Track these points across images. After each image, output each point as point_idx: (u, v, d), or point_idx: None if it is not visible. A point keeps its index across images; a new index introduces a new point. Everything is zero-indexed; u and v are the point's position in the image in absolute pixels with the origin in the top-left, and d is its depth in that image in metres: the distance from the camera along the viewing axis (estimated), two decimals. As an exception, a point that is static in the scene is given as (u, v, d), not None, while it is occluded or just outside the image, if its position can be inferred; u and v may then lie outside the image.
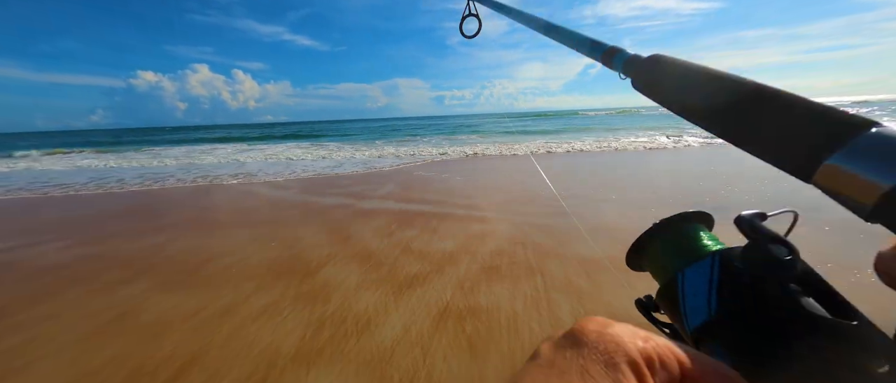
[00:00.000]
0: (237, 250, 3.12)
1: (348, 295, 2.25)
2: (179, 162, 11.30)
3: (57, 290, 2.50)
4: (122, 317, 2.10)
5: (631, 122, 22.11)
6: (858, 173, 0.20)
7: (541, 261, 2.63)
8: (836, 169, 0.21)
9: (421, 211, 4.19)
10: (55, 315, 2.18)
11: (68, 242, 3.56)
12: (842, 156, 0.21)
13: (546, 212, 3.90)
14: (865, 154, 0.21)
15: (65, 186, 7.24)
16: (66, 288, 2.51)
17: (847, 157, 0.21)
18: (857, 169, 0.21)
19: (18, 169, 11.23)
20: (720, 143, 8.14)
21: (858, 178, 0.20)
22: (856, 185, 0.21)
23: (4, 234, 3.90)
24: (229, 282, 2.50)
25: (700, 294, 0.27)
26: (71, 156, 15.21)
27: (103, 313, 2.15)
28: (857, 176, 0.20)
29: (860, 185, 0.20)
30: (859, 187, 0.20)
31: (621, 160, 7.93)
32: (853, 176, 0.21)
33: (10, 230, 4.12)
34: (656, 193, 4.60)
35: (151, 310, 2.17)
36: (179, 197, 5.80)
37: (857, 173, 0.21)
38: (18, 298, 2.41)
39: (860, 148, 0.21)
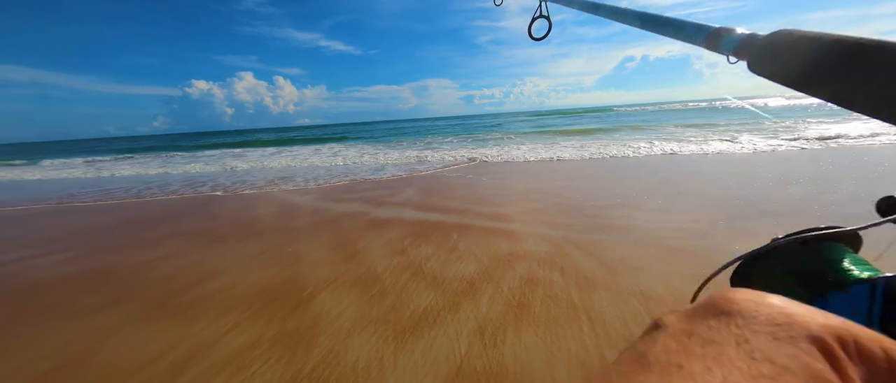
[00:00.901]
0: (233, 268, 2.78)
1: (338, 339, 1.79)
2: (224, 165, 11.63)
3: (23, 317, 2.25)
4: (74, 361, 1.77)
5: (666, 119, 20.22)
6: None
7: (586, 296, 2.03)
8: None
9: (439, 221, 3.69)
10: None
11: (73, 254, 3.43)
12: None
13: (588, 225, 3.25)
14: None
15: (108, 192, 7.51)
16: (37, 315, 2.26)
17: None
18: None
19: (76, 175, 12.08)
20: (795, 145, 6.91)
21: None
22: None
23: (23, 244, 3.88)
24: (210, 312, 2.13)
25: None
26: (139, 161, 16.29)
27: (57, 353, 1.84)
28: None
29: None
30: None
31: (673, 165, 6.96)
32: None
33: (32, 240, 4.12)
34: (747, 206, 3.77)
35: (110, 351, 1.83)
36: (200, 203, 5.72)
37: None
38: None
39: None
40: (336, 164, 9.66)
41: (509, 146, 11.40)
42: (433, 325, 1.87)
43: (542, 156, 8.52)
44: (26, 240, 4.00)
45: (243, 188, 6.79)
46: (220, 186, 7.21)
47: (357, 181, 6.74)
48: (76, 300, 2.45)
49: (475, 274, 2.43)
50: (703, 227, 3.00)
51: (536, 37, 0.97)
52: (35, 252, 3.54)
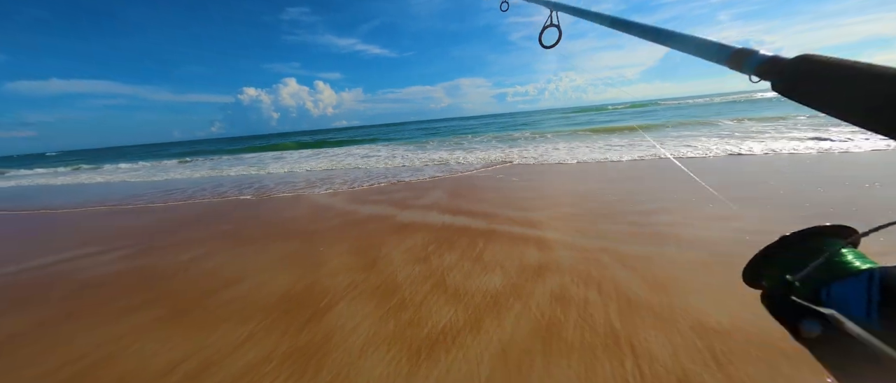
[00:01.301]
0: (256, 273, 2.78)
1: (349, 359, 1.67)
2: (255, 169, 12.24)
3: (70, 316, 2.37)
4: (96, 366, 1.80)
5: (720, 112, 18.37)
6: None
7: (629, 322, 1.76)
8: None
9: (466, 226, 3.51)
10: (31, 361, 1.98)
11: (124, 253, 3.64)
12: None
13: (631, 234, 2.92)
14: None
15: (170, 192, 8.12)
16: (75, 319, 2.36)
17: None
18: None
19: (159, 176, 13.24)
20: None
21: None
22: None
23: (80, 242, 4.20)
24: (229, 320, 2.11)
25: (856, 315, 0.23)
26: (190, 164, 17.66)
27: (83, 357, 1.88)
28: None
29: None
30: None
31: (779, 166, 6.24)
32: None
33: (87, 239, 4.46)
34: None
35: (131, 358, 1.85)
36: (232, 206, 5.96)
37: None
38: (27, 324, 2.32)
39: None
40: (358, 167, 9.77)
41: (543, 146, 10.93)
42: (452, 346, 1.69)
43: (577, 158, 8.04)
44: (83, 239, 4.34)
45: (274, 190, 7.01)
46: (252, 188, 7.52)
47: (375, 186, 6.72)
48: (114, 301, 2.55)
49: (501, 287, 2.23)
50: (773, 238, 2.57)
51: (546, 44, 0.99)
52: (89, 251, 3.81)
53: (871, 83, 0.27)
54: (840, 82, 0.29)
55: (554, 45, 0.99)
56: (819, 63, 0.32)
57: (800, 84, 0.34)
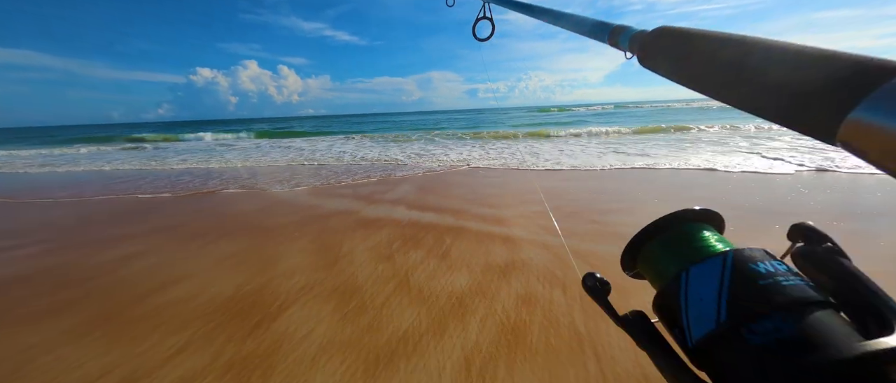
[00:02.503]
0: (199, 273, 2.52)
1: (300, 370, 1.52)
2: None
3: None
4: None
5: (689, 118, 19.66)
6: (886, 124, 0.17)
7: (593, 324, 1.75)
8: (860, 123, 0.18)
9: (434, 223, 3.42)
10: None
11: (38, 249, 3.18)
12: (867, 106, 0.18)
13: (592, 232, 2.96)
14: (893, 101, 0.17)
15: (100, 182, 7.27)
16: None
17: (873, 108, 0.17)
18: (885, 119, 0.17)
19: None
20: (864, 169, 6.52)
21: (887, 130, 0.17)
22: (884, 139, 0.17)
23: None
24: (162, 327, 1.87)
25: (709, 298, 0.24)
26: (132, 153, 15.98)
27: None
28: (885, 127, 0.17)
29: (889, 138, 0.17)
30: (888, 140, 0.17)
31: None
32: (882, 128, 0.17)
33: (5, 231, 3.87)
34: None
35: (37, 373, 1.58)
36: (178, 198, 5.46)
37: (884, 124, 0.17)
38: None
39: (888, 95, 0.17)
40: (323, 162, 9.37)
41: (515, 147, 11.06)
42: (412, 354, 1.60)
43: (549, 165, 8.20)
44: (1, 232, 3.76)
45: (224, 182, 6.53)
46: (200, 180, 6.96)
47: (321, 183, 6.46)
48: (22, 304, 2.20)
49: (466, 287, 2.16)
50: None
51: (481, 37, 1.00)
52: (4, 244, 3.30)
53: (719, 50, 0.28)
54: (691, 52, 0.30)
55: (488, 38, 1.00)
56: (674, 34, 0.33)
57: (657, 55, 0.35)
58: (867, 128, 0.18)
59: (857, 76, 0.19)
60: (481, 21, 0.97)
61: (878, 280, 0.23)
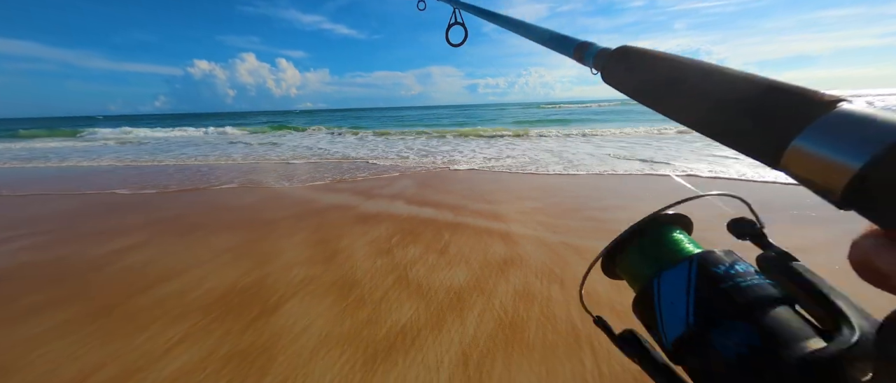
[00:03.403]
0: (197, 267, 2.51)
1: (298, 362, 1.53)
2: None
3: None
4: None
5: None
6: (826, 154, 0.18)
7: (590, 320, 1.76)
8: (801, 151, 0.19)
9: (433, 218, 3.42)
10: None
11: (34, 241, 3.16)
12: (807, 136, 0.19)
13: (586, 228, 2.98)
14: (832, 133, 0.19)
15: (98, 174, 7.22)
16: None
17: (812, 137, 0.19)
18: (824, 149, 0.18)
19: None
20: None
21: (826, 160, 0.18)
22: (823, 168, 0.18)
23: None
24: (160, 320, 1.87)
25: (678, 302, 0.25)
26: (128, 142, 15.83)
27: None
28: (825, 157, 0.18)
29: (828, 168, 0.18)
30: (827, 170, 0.18)
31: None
32: (820, 157, 0.18)
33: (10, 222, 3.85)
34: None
35: (32, 367, 1.58)
36: (185, 192, 5.43)
37: (824, 154, 0.18)
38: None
39: (826, 126, 0.19)
40: (320, 153, 9.33)
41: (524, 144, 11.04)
42: (411, 348, 1.61)
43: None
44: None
45: (225, 175, 6.50)
46: (198, 173, 6.93)
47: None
48: (17, 298, 2.18)
49: (464, 283, 2.17)
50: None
51: (454, 43, 1.00)
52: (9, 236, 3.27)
53: (677, 73, 0.29)
54: (650, 72, 0.31)
55: (461, 43, 1.01)
56: (635, 54, 0.34)
57: (618, 73, 0.36)
58: (806, 155, 0.19)
59: (801, 106, 0.20)
60: (454, 26, 0.99)
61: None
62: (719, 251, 0.27)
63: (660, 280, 0.27)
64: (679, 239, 0.29)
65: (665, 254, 0.28)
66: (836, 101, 0.19)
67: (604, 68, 0.39)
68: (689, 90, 0.28)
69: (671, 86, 0.29)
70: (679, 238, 0.30)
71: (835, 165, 0.18)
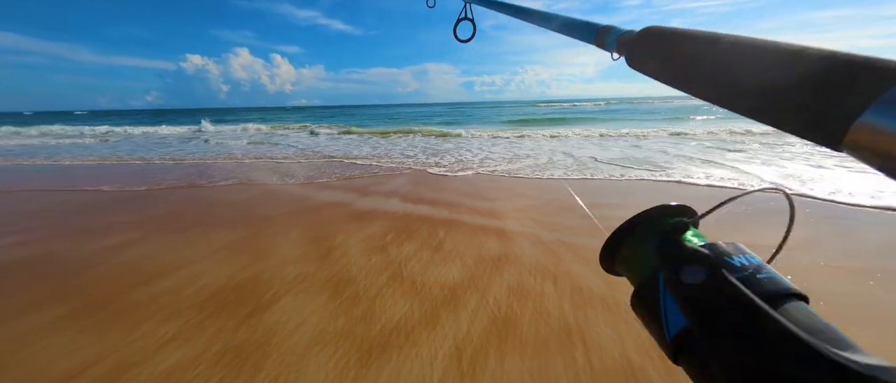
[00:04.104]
0: (191, 264, 2.51)
1: (292, 359, 1.54)
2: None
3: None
4: (-18, 373, 1.51)
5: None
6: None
7: (582, 315, 1.79)
8: (870, 127, 0.17)
9: (428, 216, 3.43)
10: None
11: (27, 237, 3.13)
12: (877, 110, 0.17)
13: (581, 227, 3.00)
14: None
15: (92, 170, 7.14)
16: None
17: (883, 112, 0.16)
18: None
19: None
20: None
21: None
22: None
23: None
24: (154, 317, 1.87)
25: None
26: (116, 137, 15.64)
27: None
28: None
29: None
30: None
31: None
32: (894, 135, 0.16)
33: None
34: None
35: (24, 364, 1.57)
36: (179, 188, 5.39)
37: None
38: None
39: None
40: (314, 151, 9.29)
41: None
42: (405, 344, 1.62)
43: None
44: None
45: (220, 172, 6.46)
46: (193, 169, 6.87)
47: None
48: (11, 295, 2.17)
49: (459, 279, 2.18)
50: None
51: (462, 39, 1.00)
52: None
53: (708, 50, 0.27)
54: (679, 52, 0.29)
55: (469, 39, 1.01)
56: (662, 34, 0.32)
57: (644, 56, 0.34)
58: (875, 132, 0.17)
59: (865, 77, 0.18)
60: (462, 22, 0.97)
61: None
62: (726, 243, 0.25)
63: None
64: (686, 231, 0.28)
65: (672, 246, 0.27)
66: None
67: (628, 52, 0.36)
68: (726, 67, 0.25)
69: (706, 64, 0.27)
70: (686, 230, 0.28)
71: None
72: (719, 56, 0.26)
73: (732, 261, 0.24)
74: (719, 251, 0.25)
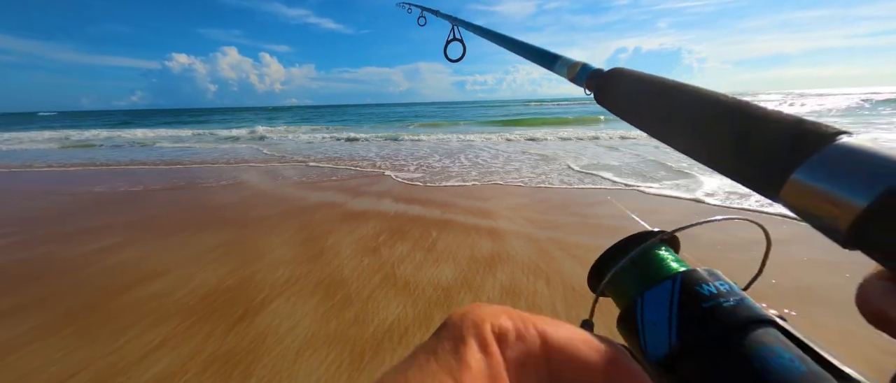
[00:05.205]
0: (180, 267, 2.45)
1: (283, 364, 1.51)
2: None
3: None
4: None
5: None
6: (829, 189, 0.17)
7: (574, 313, 1.80)
8: (802, 184, 0.18)
9: (421, 215, 3.41)
10: None
11: (7, 241, 3.02)
12: (809, 168, 0.18)
13: (576, 224, 3.02)
14: (836, 167, 0.18)
15: (73, 172, 6.94)
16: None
17: (814, 171, 0.18)
18: (827, 184, 0.17)
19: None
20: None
21: (829, 195, 0.17)
22: (826, 204, 0.17)
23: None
24: (140, 322, 1.82)
25: (661, 322, 0.24)
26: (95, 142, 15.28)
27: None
28: (828, 192, 0.17)
29: (831, 204, 0.17)
30: (831, 206, 0.17)
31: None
32: (823, 192, 0.18)
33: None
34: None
35: (6, 374, 1.52)
36: (167, 189, 5.27)
37: (827, 189, 0.17)
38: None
39: (829, 160, 0.18)
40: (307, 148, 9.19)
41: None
42: (398, 345, 1.61)
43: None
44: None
45: (208, 173, 6.34)
46: (179, 170, 6.74)
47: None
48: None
49: (452, 279, 2.18)
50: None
51: (452, 58, 1.02)
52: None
53: (671, 98, 0.29)
54: (644, 97, 0.31)
55: (459, 59, 1.03)
56: (629, 77, 0.34)
57: (612, 95, 0.36)
58: (807, 189, 0.18)
59: (801, 138, 0.20)
60: (452, 42, 0.99)
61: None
62: (702, 269, 0.26)
63: (642, 299, 0.26)
64: (664, 256, 0.29)
65: (649, 272, 0.28)
66: (837, 133, 0.19)
67: (597, 89, 0.38)
68: (683, 116, 0.27)
69: (665, 110, 0.29)
70: (664, 255, 0.29)
71: (839, 202, 0.17)
72: (678, 104, 0.28)
73: (701, 290, 0.24)
74: (691, 279, 0.25)
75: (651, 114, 0.31)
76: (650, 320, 0.25)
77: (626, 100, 0.34)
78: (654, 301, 0.26)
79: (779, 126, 0.21)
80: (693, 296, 0.24)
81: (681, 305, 0.24)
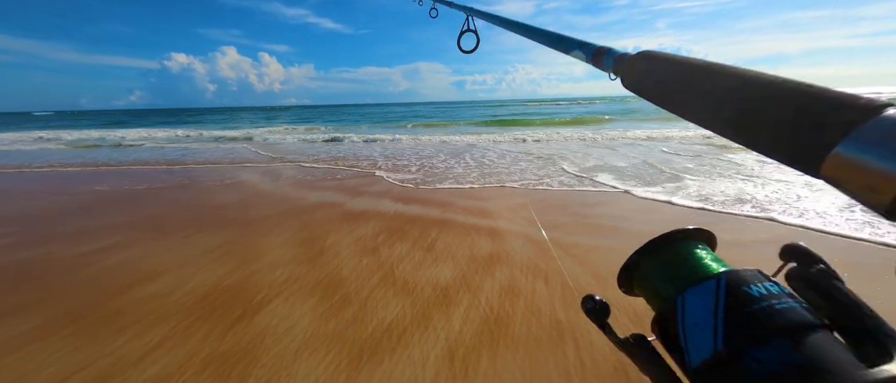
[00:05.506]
0: (178, 267, 2.45)
1: (282, 364, 1.51)
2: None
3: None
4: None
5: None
6: (872, 162, 0.17)
7: (573, 313, 1.80)
8: (844, 158, 0.18)
9: (420, 215, 3.41)
10: None
11: (9, 240, 3.02)
12: (851, 142, 0.18)
13: (575, 224, 3.02)
14: (880, 140, 0.17)
15: (70, 170, 6.94)
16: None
17: (857, 144, 0.18)
18: (871, 157, 0.17)
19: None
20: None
21: (873, 168, 0.17)
22: (870, 177, 0.17)
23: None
24: (138, 323, 1.82)
25: (704, 324, 0.23)
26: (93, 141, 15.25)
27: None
28: (872, 165, 0.17)
29: (875, 176, 0.17)
30: (874, 178, 0.17)
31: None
32: (866, 165, 0.17)
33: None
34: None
35: (5, 375, 1.52)
36: (166, 189, 5.27)
37: (870, 162, 0.17)
38: None
39: (872, 132, 0.18)
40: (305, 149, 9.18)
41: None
42: (397, 346, 1.61)
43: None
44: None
45: (207, 172, 6.34)
46: (179, 170, 6.74)
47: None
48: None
49: (451, 280, 2.18)
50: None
51: (466, 49, 1.01)
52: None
53: (701, 77, 0.28)
54: (673, 77, 0.31)
55: (473, 50, 1.01)
56: (657, 58, 0.33)
57: (640, 78, 0.36)
58: (849, 162, 0.18)
59: (843, 111, 0.19)
60: (466, 33, 0.98)
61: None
62: (747, 270, 0.25)
63: (683, 299, 0.25)
64: (702, 255, 0.28)
65: (688, 271, 0.27)
66: (883, 106, 0.18)
67: (624, 73, 0.38)
68: (716, 93, 0.27)
69: (697, 89, 0.28)
70: (702, 254, 0.28)
71: (883, 174, 0.17)
72: (710, 83, 0.27)
73: (750, 291, 0.23)
74: (737, 279, 0.24)
75: (683, 95, 0.30)
76: (692, 321, 0.24)
77: (657, 84, 0.33)
78: (696, 300, 0.24)
79: (820, 100, 0.21)
80: (741, 298, 0.23)
81: (727, 308, 0.23)
